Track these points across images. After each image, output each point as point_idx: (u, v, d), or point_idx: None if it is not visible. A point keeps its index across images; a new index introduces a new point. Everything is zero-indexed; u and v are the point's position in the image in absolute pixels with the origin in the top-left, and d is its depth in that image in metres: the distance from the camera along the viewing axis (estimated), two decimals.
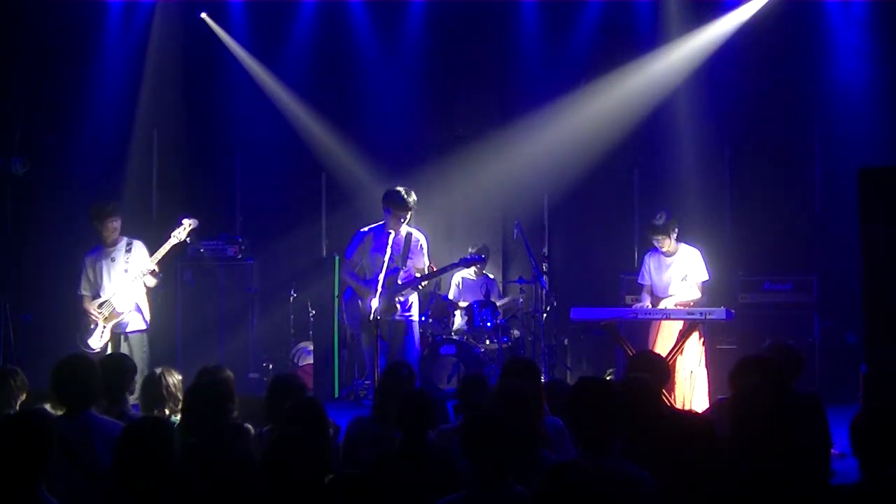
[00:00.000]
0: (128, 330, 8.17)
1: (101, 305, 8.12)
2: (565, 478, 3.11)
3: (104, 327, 8.10)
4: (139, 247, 8.27)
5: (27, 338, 9.61)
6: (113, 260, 8.20)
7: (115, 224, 8.21)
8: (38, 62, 10.33)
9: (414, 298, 8.18)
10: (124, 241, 8.26)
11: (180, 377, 5.37)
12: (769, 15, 10.09)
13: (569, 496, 3.07)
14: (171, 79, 10.73)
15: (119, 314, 8.11)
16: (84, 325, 8.16)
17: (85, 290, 8.23)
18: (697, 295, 8.11)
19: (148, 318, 8.31)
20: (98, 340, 8.08)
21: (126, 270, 8.14)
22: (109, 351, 8.00)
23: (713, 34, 10.26)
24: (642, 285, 8.37)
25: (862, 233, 6.16)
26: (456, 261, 8.36)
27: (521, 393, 4.38)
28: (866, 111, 9.94)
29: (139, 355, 7.99)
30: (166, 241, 8.15)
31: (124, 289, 8.09)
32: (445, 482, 3.99)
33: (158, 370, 5.36)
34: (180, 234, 8.22)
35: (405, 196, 7.91)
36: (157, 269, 8.08)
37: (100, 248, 8.29)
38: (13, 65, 10.25)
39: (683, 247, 8.21)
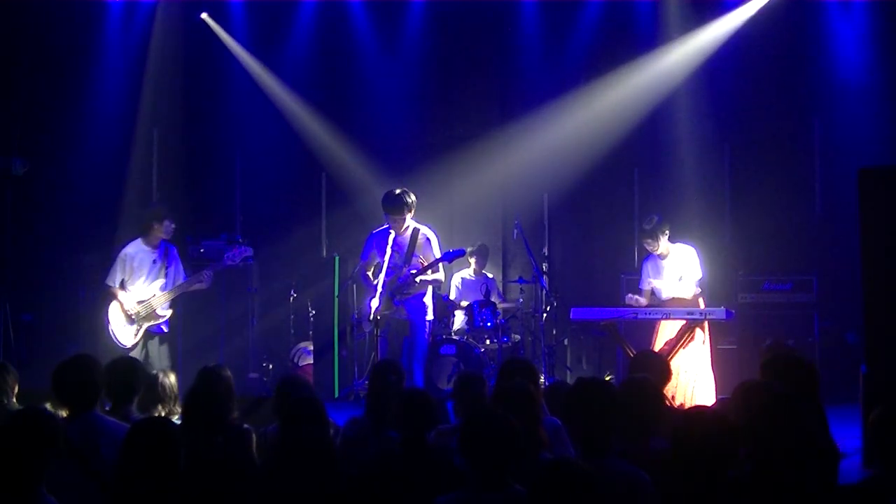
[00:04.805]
0: (157, 331, 8.21)
1: (140, 302, 8.12)
2: (560, 475, 3.11)
3: (140, 326, 8.11)
4: (177, 256, 8.34)
5: (27, 338, 9.61)
6: (154, 262, 8.21)
7: (172, 225, 8.26)
8: (38, 62, 10.34)
9: (428, 300, 8.06)
10: (163, 244, 8.28)
11: (174, 379, 5.37)
12: (769, 15, 10.09)
13: (564, 493, 3.07)
14: (172, 79, 10.73)
15: (160, 317, 8.15)
16: (115, 319, 8.09)
17: (114, 283, 8.15)
18: (691, 294, 8.01)
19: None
20: (132, 338, 8.08)
21: (165, 275, 8.18)
22: (139, 350, 8.04)
23: (713, 34, 10.26)
24: (642, 290, 8.32)
25: (862, 232, 6.16)
26: (440, 255, 8.03)
27: (519, 393, 4.37)
28: (866, 111, 9.94)
29: (166, 353, 8.16)
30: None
31: (167, 292, 8.14)
32: (446, 482, 3.98)
33: (155, 371, 5.37)
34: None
35: (397, 196, 7.89)
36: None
37: (139, 245, 8.24)
38: (13, 65, 10.26)
39: (678, 246, 8.14)
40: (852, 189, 6.30)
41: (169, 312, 8.24)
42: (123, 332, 8.07)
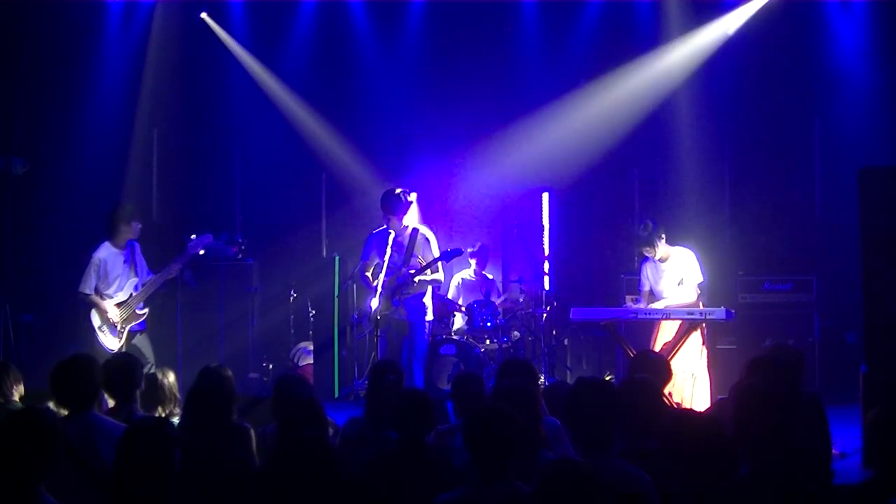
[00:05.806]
0: (138, 329, 8.21)
1: (119, 305, 8.11)
2: (563, 474, 3.11)
3: (122, 329, 8.11)
4: (140, 252, 8.30)
5: (27, 338, 9.61)
6: (125, 263, 8.20)
7: (139, 226, 8.26)
8: (38, 62, 10.34)
9: (428, 300, 8.07)
10: (128, 243, 8.26)
11: (174, 379, 5.37)
12: (769, 15, 10.09)
13: (567, 492, 3.07)
14: (171, 79, 10.72)
15: (139, 316, 8.16)
16: (99, 326, 8.10)
17: (90, 289, 8.12)
18: (693, 298, 7.97)
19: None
20: (117, 342, 8.08)
21: (136, 274, 8.18)
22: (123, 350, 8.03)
23: (713, 34, 10.26)
24: (641, 292, 8.30)
25: (862, 233, 6.16)
26: (439, 255, 8.05)
27: (518, 393, 4.37)
28: (866, 111, 9.94)
29: (148, 347, 8.17)
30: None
31: (140, 291, 8.14)
32: (444, 483, 3.99)
33: (154, 370, 5.37)
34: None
35: (395, 196, 7.89)
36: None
37: (109, 248, 8.21)
38: (13, 65, 10.25)
39: (677, 250, 8.08)
40: (852, 189, 6.30)
41: (146, 310, 8.22)
42: (108, 339, 8.08)
